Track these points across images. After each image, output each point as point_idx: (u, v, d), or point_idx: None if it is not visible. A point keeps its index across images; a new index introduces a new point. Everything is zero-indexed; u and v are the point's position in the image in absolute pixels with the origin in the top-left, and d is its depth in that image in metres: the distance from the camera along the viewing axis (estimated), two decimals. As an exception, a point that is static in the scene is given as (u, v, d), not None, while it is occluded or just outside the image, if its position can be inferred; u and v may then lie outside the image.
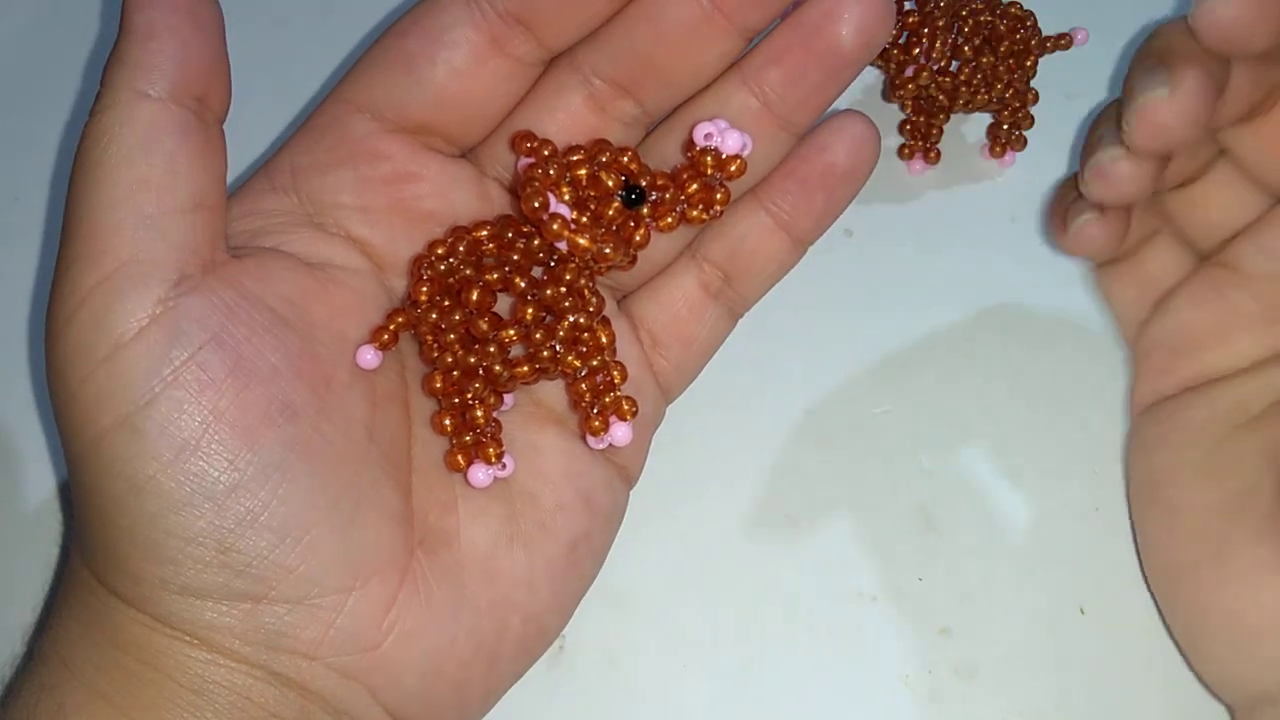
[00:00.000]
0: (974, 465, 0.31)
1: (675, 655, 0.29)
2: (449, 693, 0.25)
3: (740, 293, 0.29)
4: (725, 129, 0.25)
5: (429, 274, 0.25)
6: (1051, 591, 0.29)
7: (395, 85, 0.26)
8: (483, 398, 0.25)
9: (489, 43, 0.25)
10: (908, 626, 0.29)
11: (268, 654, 0.23)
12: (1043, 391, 0.32)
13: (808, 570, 0.30)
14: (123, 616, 0.23)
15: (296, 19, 0.37)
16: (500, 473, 0.26)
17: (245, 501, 0.23)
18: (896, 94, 0.34)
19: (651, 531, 0.30)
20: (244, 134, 0.27)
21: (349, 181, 0.26)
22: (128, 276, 0.23)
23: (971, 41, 0.33)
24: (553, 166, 0.25)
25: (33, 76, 0.37)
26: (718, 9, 0.25)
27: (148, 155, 0.23)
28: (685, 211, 0.26)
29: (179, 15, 0.23)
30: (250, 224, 0.26)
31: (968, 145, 0.35)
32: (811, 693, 0.29)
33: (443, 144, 0.27)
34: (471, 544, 0.26)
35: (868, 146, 0.27)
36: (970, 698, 0.28)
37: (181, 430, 0.22)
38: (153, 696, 0.23)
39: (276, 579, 0.23)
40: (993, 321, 0.33)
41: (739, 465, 0.31)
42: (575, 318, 0.25)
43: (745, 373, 0.32)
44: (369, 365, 0.25)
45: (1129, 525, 0.30)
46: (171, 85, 0.23)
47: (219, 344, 0.23)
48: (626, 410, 0.26)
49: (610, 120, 0.27)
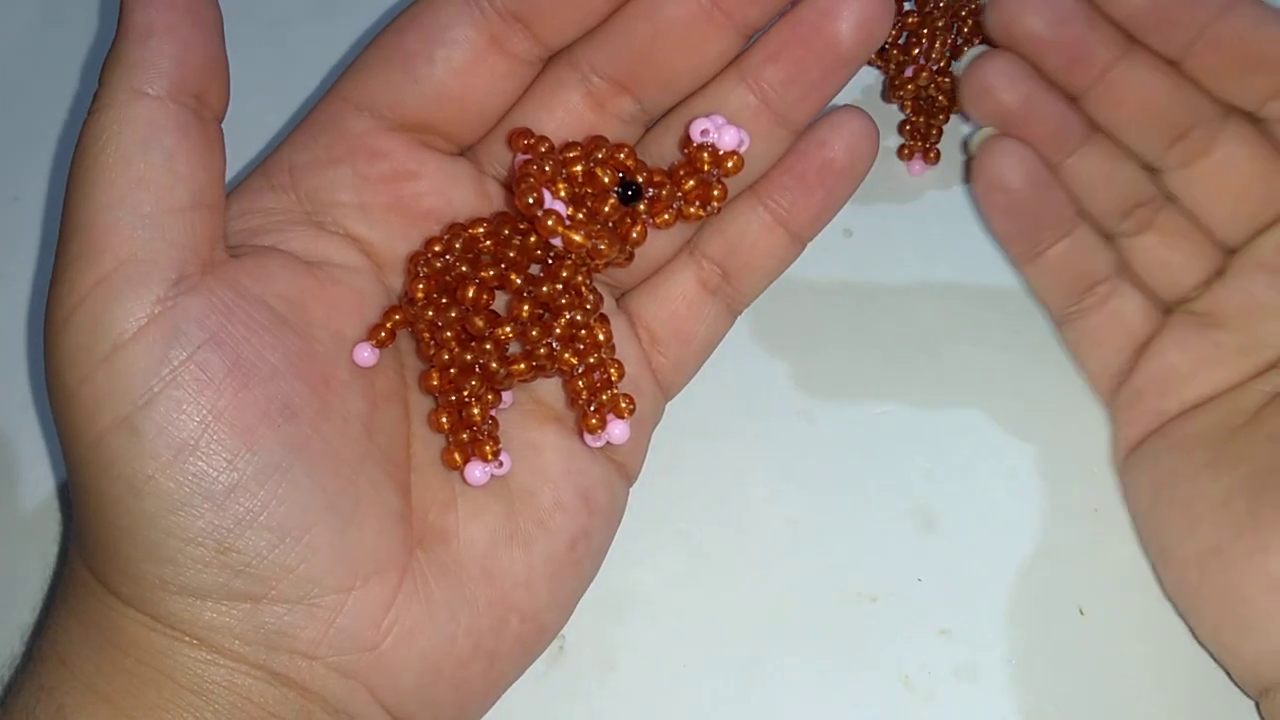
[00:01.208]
0: (974, 465, 0.31)
1: (675, 655, 0.29)
2: (448, 692, 0.25)
3: (739, 289, 0.29)
4: (722, 125, 0.25)
5: (425, 271, 0.25)
6: (1051, 592, 0.29)
7: (393, 83, 0.26)
8: (479, 395, 0.25)
9: (487, 40, 0.25)
10: (908, 627, 0.29)
11: (267, 654, 0.23)
12: (1043, 392, 0.32)
13: (808, 570, 0.30)
14: (122, 617, 0.23)
15: (295, 18, 0.37)
16: (497, 470, 0.26)
17: (244, 501, 0.23)
18: (896, 94, 0.34)
19: (651, 531, 0.30)
20: (242, 132, 0.27)
21: (347, 179, 0.26)
22: (126, 276, 0.23)
23: (971, 41, 0.33)
24: (548, 163, 0.25)
25: (32, 76, 0.37)
26: (717, 6, 0.25)
27: (146, 154, 0.23)
28: (682, 208, 0.26)
29: (177, 13, 0.23)
30: (248, 222, 0.26)
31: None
32: (811, 693, 0.29)
33: (441, 142, 0.27)
34: (470, 542, 0.26)
35: (866, 142, 0.27)
36: (970, 698, 0.28)
37: (180, 430, 0.22)
38: (152, 697, 0.23)
39: (276, 579, 0.23)
40: (992, 321, 0.33)
41: (739, 464, 0.31)
42: (572, 315, 0.25)
43: (744, 372, 0.32)
44: (366, 363, 0.25)
45: (1129, 526, 0.30)
46: (170, 83, 0.23)
47: (218, 344, 0.23)
48: (624, 408, 0.26)
49: (609, 118, 0.27)
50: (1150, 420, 0.29)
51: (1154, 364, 0.29)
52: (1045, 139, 0.28)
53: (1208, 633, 0.28)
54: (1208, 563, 0.27)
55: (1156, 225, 0.29)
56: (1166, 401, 0.29)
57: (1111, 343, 0.30)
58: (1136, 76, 0.27)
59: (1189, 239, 0.29)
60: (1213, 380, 0.29)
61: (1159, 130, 0.28)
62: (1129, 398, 0.30)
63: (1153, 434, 0.29)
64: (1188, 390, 0.29)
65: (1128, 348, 0.30)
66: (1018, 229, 0.29)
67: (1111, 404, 0.30)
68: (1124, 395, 0.30)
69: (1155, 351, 0.29)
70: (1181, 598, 0.28)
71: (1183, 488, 0.28)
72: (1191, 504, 0.27)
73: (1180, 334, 0.29)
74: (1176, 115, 0.28)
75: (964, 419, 0.31)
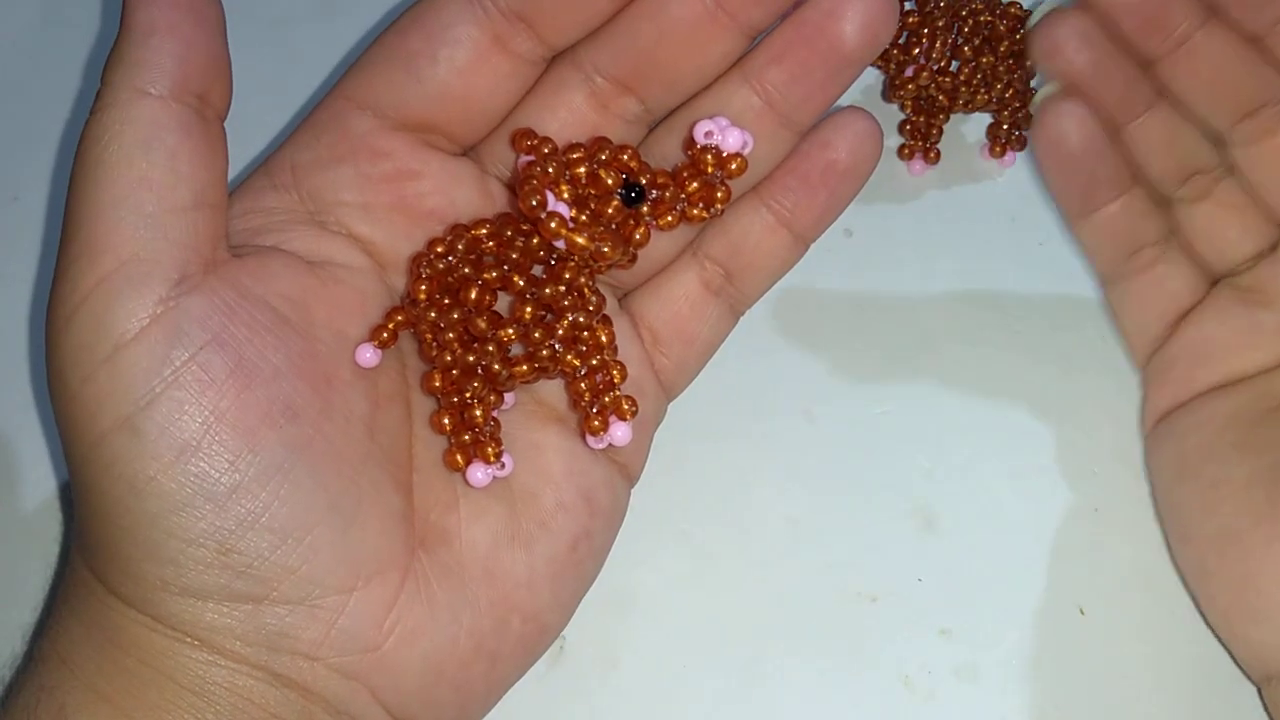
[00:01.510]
0: (974, 465, 0.31)
1: (675, 655, 0.29)
2: (450, 692, 0.25)
3: (742, 290, 0.29)
4: (726, 126, 0.25)
5: (428, 272, 0.25)
6: (1051, 591, 0.29)
7: (396, 82, 0.26)
8: (481, 396, 0.25)
9: (491, 40, 0.25)
10: (908, 627, 0.29)
11: (269, 655, 0.23)
12: (1042, 392, 0.32)
13: (808, 570, 0.30)
14: (123, 617, 0.23)
15: (297, 17, 0.37)
16: (499, 472, 0.26)
17: (246, 502, 0.23)
18: (896, 94, 0.34)
19: (652, 531, 0.30)
20: (244, 132, 0.27)
21: (350, 179, 0.26)
22: (128, 276, 0.23)
23: (971, 41, 0.33)
24: (552, 164, 0.25)
25: (33, 76, 0.37)
26: (721, 7, 0.25)
27: (148, 153, 0.23)
28: (686, 210, 0.26)
29: (180, 13, 0.23)
30: (251, 222, 0.26)
31: (968, 145, 0.35)
32: (811, 693, 0.29)
33: (444, 141, 0.27)
34: (472, 543, 0.26)
35: (870, 143, 0.27)
36: (970, 698, 0.28)
37: (182, 431, 0.22)
38: (153, 697, 0.23)
39: (278, 580, 0.23)
40: (992, 321, 0.33)
41: (739, 465, 0.31)
42: (575, 316, 0.25)
43: (746, 372, 0.32)
44: (368, 364, 0.25)
45: (1129, 525, 0.30)
46: (172, 83, 0.23)
47: (220, 344, 0.23)
48: (626, 410, 0.26)
49: (612, 118, 0.27)
50: (1180, 390, 0.29)
51: (1191, 334, 0.29)
52: (1111, 101, 0.28)
53: (1217, 616, 0.28)
54: (1225, 546, 0.27)
55: (1214, 195, 0.29)
56: (1199, 373, 0.29)
57: (1153, 308, 0.30)
58: (1213, 48, 0.27)
59: (1245, 213, 0.29)
60: (1249, 359, 0.29)
61: (1229, 104, 0.28)
62: (1162, 365, 0.30)
63: (1181, 407, 0.29)
64: (1222, 365, 0.29)
65: (1169, 314, 0.30)
66: (1073, 187, 0.29)
67: (1146, 370, 0.30)
68: (1158, 362, 0.30)
69: (1194, 321, 0.29)
70: (1195, 577, 0.28)
71: (1208, 467, 0.28)
72: (1215, 484, 0.27)
73: (1222, 307, 0.29)
74: (1249, 91, 0.28)
75: (964, 419, 0.31)
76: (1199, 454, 0.28)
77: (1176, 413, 0.29)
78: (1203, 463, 0.28)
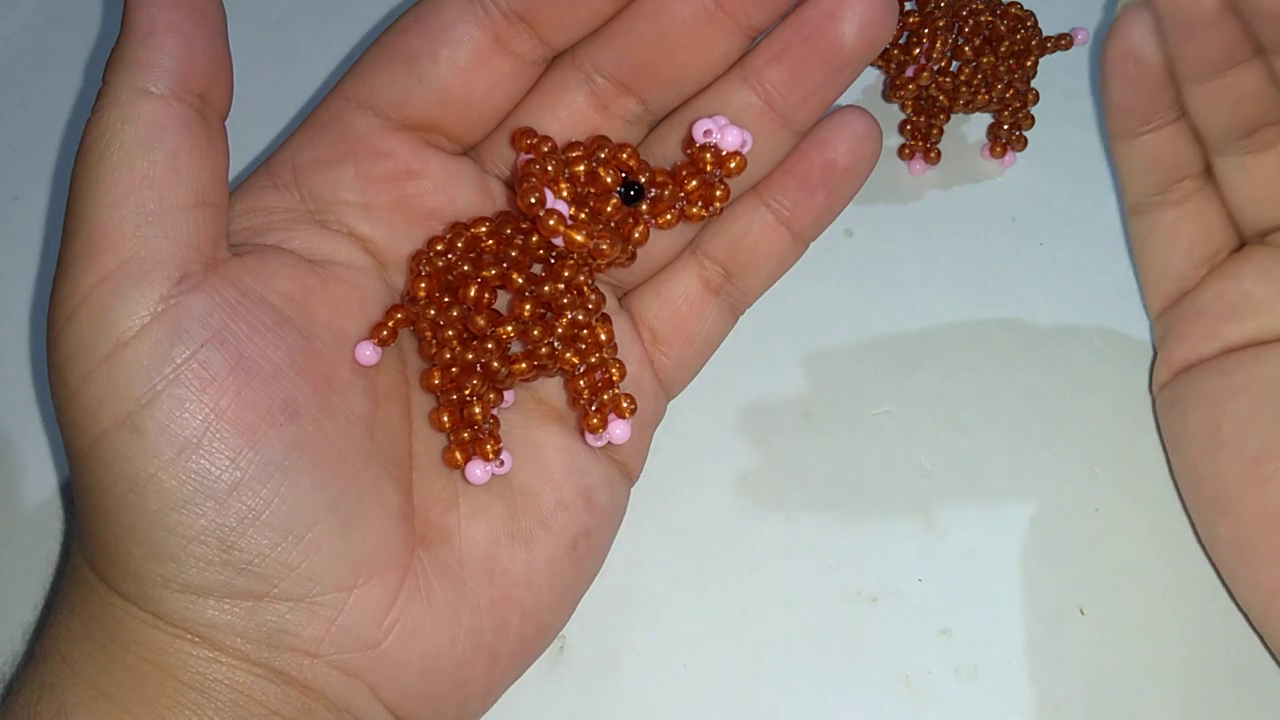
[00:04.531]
0: (974, 465, 0.31)
1: (675, 655, 0.29)
2: (450, 690, 0.25)
3: (741, 289, 0.29)
4: (724, 125, 0.25)
5: (428, 270, 0.25)
6: (1051, 591, 0.29)
7: (397, 82, 0.26)
8: (481, 394, 0.25)
9: (491, 40, 0.26)
10: (908, 627, 0.29)
11: (269, 652, 0.23)
12: (1042, 391, 0.32)
13: (808, 570, 0.30)
14: (124, 614, 0.23)
15: (298, 17, 0.37)
16: (498, 470, 0.26)
17: (247, 500, 0.23)
18: (896, 94, 0.34)
19: (652, 531, 0.30)
20: (245, 131, 0.27)
21: (350, 178, 0.26)
22: (129, 274, 0.23)
23: (971, 41, 0.33)
24: (551, 162, 0.25)
25: (33, 76, 0.37)
26: (721, 8, 0.25)
27: (149, 152, 0.23)
28: (685, 208, 0.26)
29: (180, 12, 0.23)
30: (252, 221, 0.26)
31: (968, 145, 0.35)
32: (811, 693, 0.29)
33: (445, 141, 0.27)
34: (472, 541, 0.26)
35: (869, 143, 0.27)
36: (970, 698, 0.28)
37: (183, 429, 0.22)
38: (154, 694, 0.23)
39: (278, 577, 0.23)
40: (993, 321, 0.33)
41: (740, 464, 0.31)
42: (574, 314, 0.25)
43: (745, 372, 0.32)
44: (367, 361, 0.25)
45: (1129, 525, 0.30)
46: (173, 82, 0.23)
47: (221, 342, 0.23)
48: (625, 408, 0.26)
49: (612, 118, 0.27)
50: (1204, 343, 0.28)
51: (1226, 285, 0.29)
52: (1222, 43, 0.26)
53: (1259, 593, 0.27)
54: (1275, 525, 0.26)
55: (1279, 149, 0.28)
56: (1229, 327, 0.28)
57: (1183, 243, 0.29)
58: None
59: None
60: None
61: None
62: (1189, 313, 0.29)
63: (1206, 363, 0.28)
64: (1255, 322, 0.28)
65: (1197, 254, 0.29)
66: (1134, 101, 0.28)
67: (1164, 317, 0.30)
68: (1183, 309, 0.29)
69: (1230, 273, 0.29)
70: (1232, 551, 0.28)
71: (1250, 441, 0.27)
72: (1259, 460, 0.27)
73: (1264, 263, 0.28)
74: None
75: (964, 419, 0.31)
76: (1238, 424, 0.27)
77: (1201, 372, 0.28)
78: (1244, 436, 0.27)
